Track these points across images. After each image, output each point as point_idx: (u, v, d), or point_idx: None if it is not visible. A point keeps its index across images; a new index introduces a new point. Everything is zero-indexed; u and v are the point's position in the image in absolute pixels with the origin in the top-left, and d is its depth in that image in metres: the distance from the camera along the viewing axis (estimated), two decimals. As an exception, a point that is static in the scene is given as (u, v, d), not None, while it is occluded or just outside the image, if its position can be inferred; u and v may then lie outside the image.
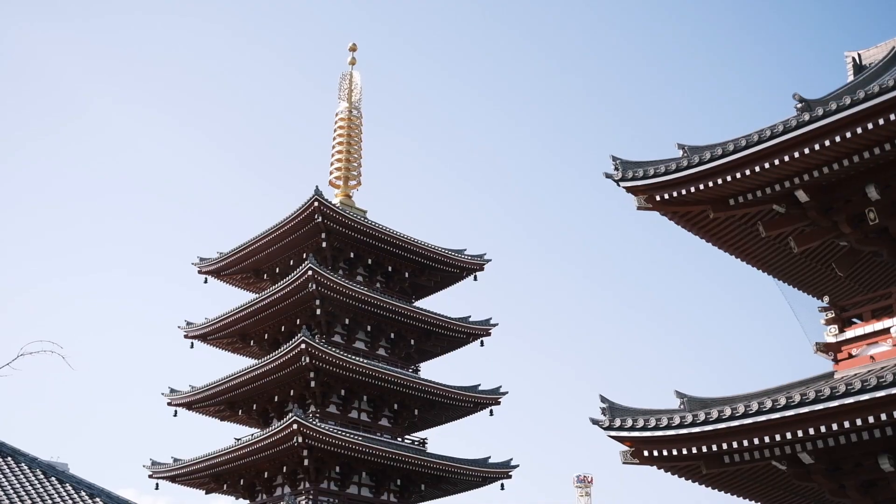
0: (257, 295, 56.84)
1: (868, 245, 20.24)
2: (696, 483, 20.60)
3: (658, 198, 20.21)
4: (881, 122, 17.07)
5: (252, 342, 60.09)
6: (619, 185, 20.51)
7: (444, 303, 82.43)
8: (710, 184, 19.40)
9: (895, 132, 17.34)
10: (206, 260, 61.22)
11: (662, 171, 19.85)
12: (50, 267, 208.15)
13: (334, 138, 64.19)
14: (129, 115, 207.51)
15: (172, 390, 58.28)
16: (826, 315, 20.04)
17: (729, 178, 19.10)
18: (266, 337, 58.90)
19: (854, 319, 20.05)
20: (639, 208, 20.65)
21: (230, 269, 61.38)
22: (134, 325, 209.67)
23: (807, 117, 17.84)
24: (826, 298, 21.00)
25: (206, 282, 62.31)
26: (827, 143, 17.77)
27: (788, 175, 19.02)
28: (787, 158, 18.29)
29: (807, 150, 18.03)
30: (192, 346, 60.55)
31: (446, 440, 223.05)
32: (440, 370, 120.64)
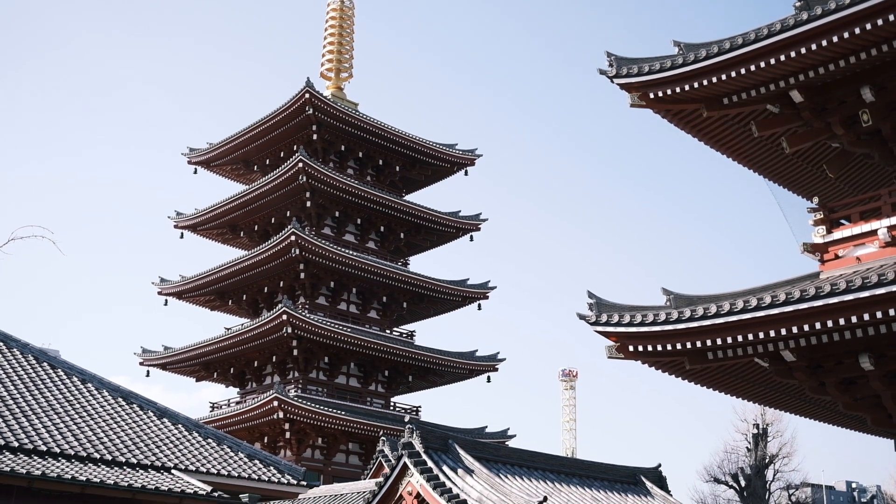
0: (247, 186, 56.77)
1: (860, 147, 20.23)
2: (680, 378, 20.96)
3: (652, 95, 20.09)
4: (879, 22, 16.89)
5: (242, 233, 60.22)
6: (612, 81, 20.36)
7: (434, 198, 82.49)
8: (705, 82, 19.27)
9: (893, 33, 17.17)
10: (196, 150, 60.86)
11: (657, 69, 19.69)
12: (43, 151, 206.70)
13: (326, 29, 63.25)
14: (124, 23, 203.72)
15: (163, 280, 58.57)
16: (815, 216, 20.13)
17: (724, 77, 18.97)
18: (256, 229, 59.02)
19: (842, 221, 20.15)
20: (632, 105, 20.55)
21: (220, 160, 61.09)
22: (124, 215, 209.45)
23: (805, 16, 17.63)
24: (815, 199, 21.06)
25: (195, 172, 62.09)
26: (824, 43, 17.60)
27: (783, 75, 18.89)
28: (783, 58, 18.14)
29: (803, 50, 17.87)
30: (181, 237, 60.65)
31: (434, 334, 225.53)
32: (429, 265, 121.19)
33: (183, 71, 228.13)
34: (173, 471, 20.78)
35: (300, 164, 51.84)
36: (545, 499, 24.40)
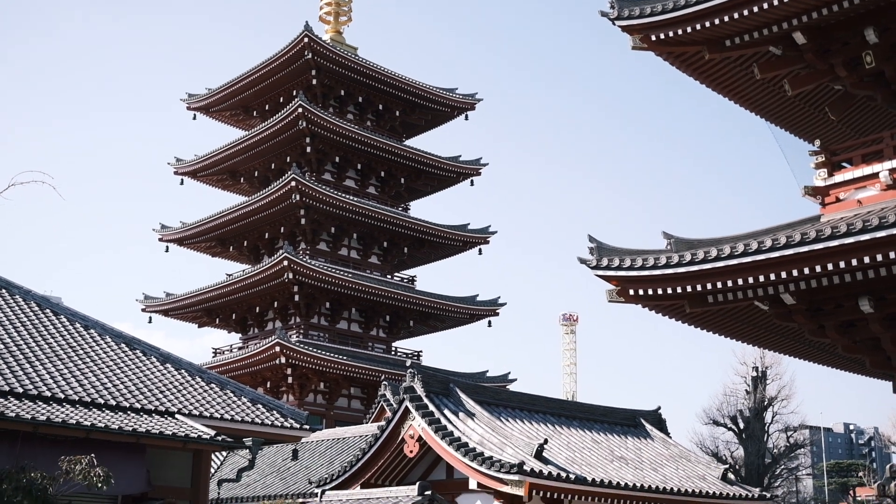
0: (247, 132, 56.51)
1: (863, 89, 20.07)
2: (680, 322, 21.01)
3: (653, 38, 19.89)
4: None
5: (242, 180, 60.09)
6: (614, 23, 20.15)
7: (434, 143, 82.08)
8: (707, 24, 19.06)
9: (898, -28, 16.96)
10: (195, 96, 60.47)
11: (659, 10, 19.47)
12: (42, 99, 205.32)
13: (324, -29, 62.49)
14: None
15: (163, 226, 58.54)
16: (816, 159, 20.03)
17: (726, 19, 18.76)
18: (256, 175, 58.87)
19: (844, 164, 20.06)
20: (633, 48, 20.35)
21: (219, 105, 60.74)
22: (124, 162, 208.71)
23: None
24: (817, 142, 20.94)
25: (195, 119, 61.75)
26: (828, -18, 17.40)
27: (786, 16, 18.68)
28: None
29: (807, -10, 17.67)
30: (181, 184, 60.51)
31: (435, 279, 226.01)
32: (430, 210, 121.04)
33: (181, 18, 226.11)
34: (177, 415, 20.94)
35: (300, 110, 51.56)
36: (546, 441, 24.63)
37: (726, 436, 51.66)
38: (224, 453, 36.36)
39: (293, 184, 50.07)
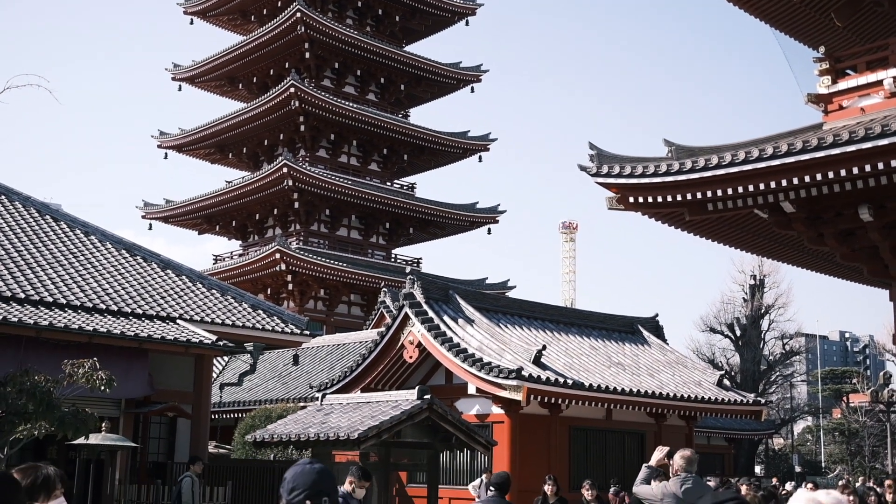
0: (245, 37, 55.82)
1: (869, -6, 19.75)
2: (679, 230, 21.03)
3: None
4: None
5: (241, 86, 59.51)
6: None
7: (434, 50, 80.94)
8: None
9: None
10: (192, 1, 59.54)
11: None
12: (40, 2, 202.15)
13: None
14: None
15: (162, 133, 58.21)
16: (820, 66, 19.78)
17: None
18: (255, 81, 58.29)
19: (848, 71, 19.82)
20: None
21: (216, 10, 59.84)
22: (121, 67, 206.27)
23: None
24: (821, 49, 20.66)
25: (192, 23, 60.86)
26: None
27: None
28: None
29: None
30: (179, 90, 59.94)
31: (435, 186, 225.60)
32: (430, 117, 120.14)
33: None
34: (178, 321, 21.11)
35: (298, 14, 50.84)
36: (544, 347, 24.88)
37: (723, 343, 52.19)
38: (226, 358, 36.78)
39: (292, 90, 49.66)
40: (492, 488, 10.06)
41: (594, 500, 13.90)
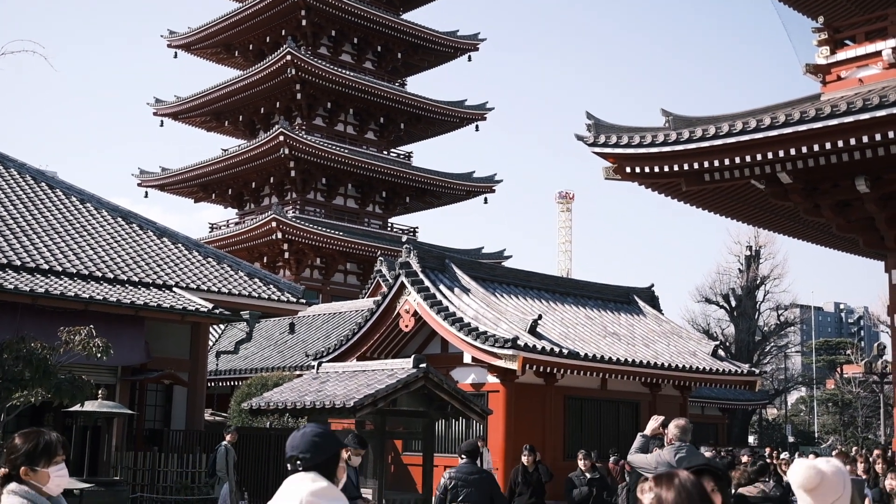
0: (241, 4, 55.46)
1: (869, -37, 19.65)
2: (676, 200, 21.03)
3: None
4: None
5: (237, 53, 59.20)
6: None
7: (430, 19, 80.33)
8: None
9: None
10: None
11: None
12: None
13: None
14: None
15: (158, 100, 57.96)
16: (819, 36, 19.71)
17: None
18: (251, 48, 58.01)
19: (847, 41, 19.76)
20: None
21: (212, -25, 59.33)
22: (117, 34, 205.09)
23: None
24: (820, 19, 20.58)
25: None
26: None
27: None
28: None
29: None
30: (175, 56, 59.60)
31: (431, 155, 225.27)
32: (427, 86, 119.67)
33: None
34: (175, 288, 21.11)
35: (294, -19, 50.53)
36: (540, 317, 24.93)
37: (718, 313, 52.26)
38: (222, 326, 36.82)
39: (288, 58, 49.42)
40: (463, 456, 10.45)
41: (589, 470, 13.95)
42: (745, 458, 13.52)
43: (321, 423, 16.80)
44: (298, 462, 3.63)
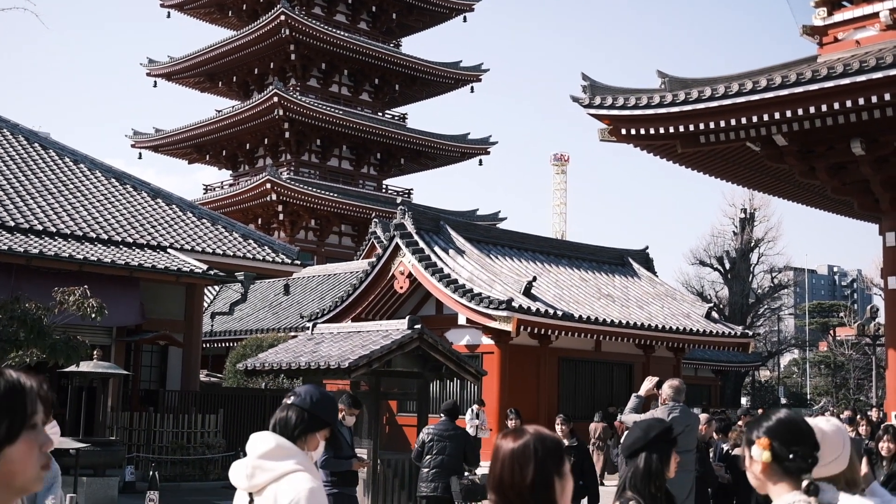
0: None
1: (868, -76, 19.48)
2: (671, 162, 21.00)
3: None
4: None
5: (230, 13, 58.76)
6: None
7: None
8: None
9: None
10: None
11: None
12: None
13: None
14: None
15: (151, 61, 57.58)
16: (816, -3, 19.61)
17: None
18: (244, 7, 57.55)
19: (844, 3, 19.66)
20: None
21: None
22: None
23: None
24: (818, -21, 20.46)
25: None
26: None
27: None
28: None
29: None
30: (168, 17, 59.16)
31: (426, 117, 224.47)
32: (422, 47, 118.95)
33: None
34: (169, 250, 21.10)
35: (288, -60, 50.05)
36: (534, 278, 24.97)
37: (712, 276, 52.37)
38: (217, 287, 36.85)
39: (282, 17, 49.07)
40: (442, 414, 11.48)
41: (567, 436, 13.92)
42: (740, 421, 13.61)
43: (316, 383, 16.87)
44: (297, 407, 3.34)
